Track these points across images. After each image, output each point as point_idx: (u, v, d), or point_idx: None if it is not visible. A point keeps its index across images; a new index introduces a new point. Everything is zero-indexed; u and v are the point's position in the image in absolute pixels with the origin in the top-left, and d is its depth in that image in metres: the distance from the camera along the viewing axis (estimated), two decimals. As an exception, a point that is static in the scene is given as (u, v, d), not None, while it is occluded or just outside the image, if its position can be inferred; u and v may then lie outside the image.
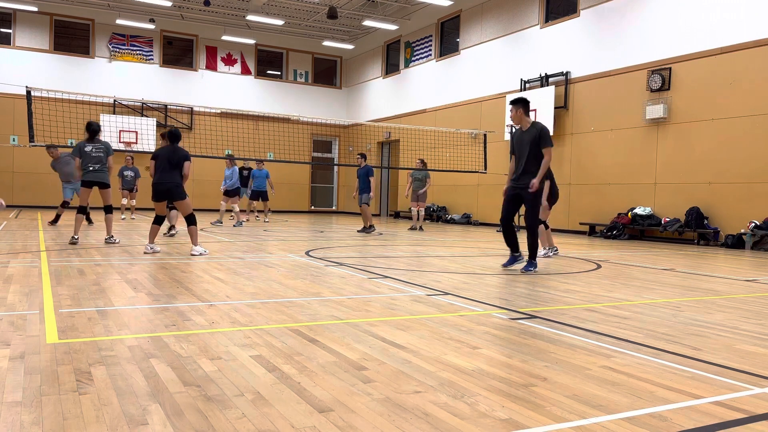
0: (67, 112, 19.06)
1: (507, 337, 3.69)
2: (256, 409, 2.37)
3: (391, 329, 3.83)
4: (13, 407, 2.31)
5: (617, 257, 9.47)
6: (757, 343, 3.74)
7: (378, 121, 23.74)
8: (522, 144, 7.15)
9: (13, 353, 3.04)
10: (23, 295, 4.68)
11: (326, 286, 5.60)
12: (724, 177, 12.64)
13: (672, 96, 13.60)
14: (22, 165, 21.99)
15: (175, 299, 4.68)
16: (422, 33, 22.48)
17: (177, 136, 8.40)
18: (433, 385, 2.71)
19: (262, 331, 3.70)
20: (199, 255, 7.84)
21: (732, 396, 2.69)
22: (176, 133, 8.41)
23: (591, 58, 15.66)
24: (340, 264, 7.36)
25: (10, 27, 22.20)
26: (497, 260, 8.47)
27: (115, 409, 2.32)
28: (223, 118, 24.15)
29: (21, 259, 6.96)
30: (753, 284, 6.70)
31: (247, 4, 22.65)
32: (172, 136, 8.36)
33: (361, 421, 2.26)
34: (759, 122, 12.02)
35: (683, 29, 13.44)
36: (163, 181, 8.08)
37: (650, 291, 5.90)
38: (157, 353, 3.11)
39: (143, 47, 24.02)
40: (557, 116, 16.40)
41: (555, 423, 2.30)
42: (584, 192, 15.85)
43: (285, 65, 26.84)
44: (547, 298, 5.28)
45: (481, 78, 19.51)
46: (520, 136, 7.21)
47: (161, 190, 8.12)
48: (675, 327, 4.16)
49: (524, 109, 7.16)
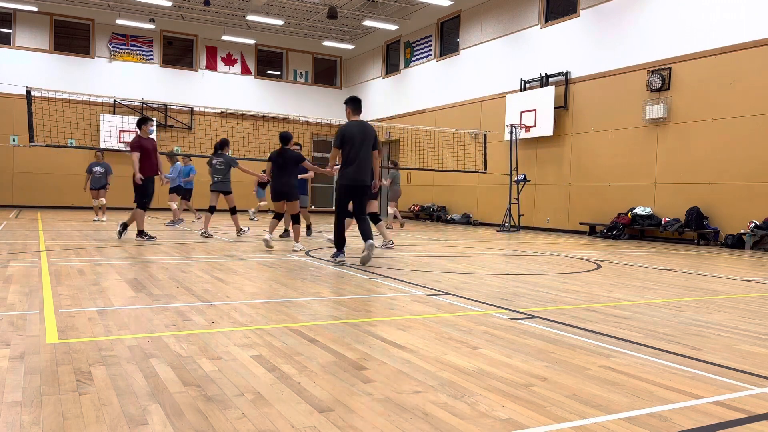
0: (67, 112, 19.08)
1: (507, 337, 3.69)
2: (256, 409, 2.37)
3: (391, 329, 3.83)
4: (13, 407, 2.31)
5: (617, 257, 9.47)
6: (757, 343, 3.74)
7: (378, 121, 23.74)
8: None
9: (13, 353, 3.04)
10: (23, 295, 4.68)
11: (326, 286, 5.60)
12: (724, 177, 12.64)
13: (672, 96, 13.61)
14: (22, 165, 21.99)
15: (175, 299, 4.68)
16: (422, 33, 22.48)
17: (285, 138, 9.19)
18: (433, 385, 2.71)
19: (262, 331, 3.70)
20: (299, 251, 8.74)
21: (732, 396, 2.69)
22: (285, 135, 9.21)
23: (591, 58, 15.66)
24: (341, 264, 7.36)
25: (10, 27, 22.20)
26: (497, 260, 8.48)
27: (115, 409, 2.32)
28: (223, 118, 24.14)
29: (21, 259, 6.96)
30: (753, 284, 6.70)
31: (247, 4, 22.65)
32: (282, 139, 9.19)
33: (361, 421, 2.26)
34: (759, 122, 12.02)
35: (683, 29, 13.44)
36: (280, 183, 9.06)
37: (650, 291, 5.90)
38: (157, 353, 3.11)
39: (143, 47, 24.02)
40: (557, 116, 16.40)
41: (555, 423, 2.30)
42: (584, 192, 15.85)
43: (285, 65, 26.85)
44: (547, 298, 5.28)
45: (481, 78, 19.51)
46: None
47: (279, 192, 9.14)
48: (675, 327, 4.16)
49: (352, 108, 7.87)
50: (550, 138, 16.69)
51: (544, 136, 16.70)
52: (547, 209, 16.99)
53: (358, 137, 7.55)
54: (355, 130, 7.59)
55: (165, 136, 24.00)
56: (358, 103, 7.87)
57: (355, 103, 7.84)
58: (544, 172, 17.07)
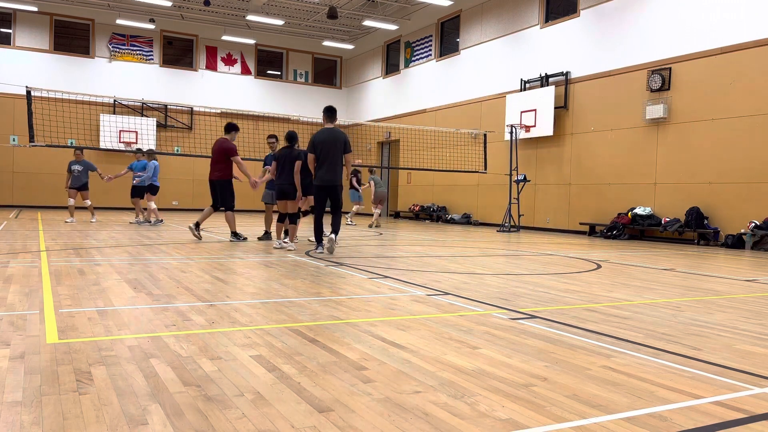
0: (67, 112, 19.08)
1: (507, 337, 3.69)
2: (256, 409, 2.37)
3: (391, 329, 3.83)
4: (13, 407, 2.31)
5: (617, 257, 9.47)
6: (757, 343, 3.74)
7: (378, 121, 23.74)
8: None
9: (13, 353, 3.04)
10: (23, 295, 4.68)
11: (326, 286, 5.60)
12: (724, 177, 12.64)
13: (672, 96, 13.60)
14: (22, 165, 22.00)
15: (175, 299, 4.68)
16: (422, 33, 22.48)
17: (292, 137, 9.26)
18: (433, 385, 2.71)
19: (262, 331, 3.70)
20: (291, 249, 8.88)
21: (732, 396, 2.69)
22: (291, 134, 9.27)
23: (591, 58, 15.66)
24: (340, 264, 7.36)
25: (10, 27, 22.20)
26: (497, 260, 8.48)
27: (115, 409, 2.32)
28: (223, 118, 24.11)
29: (21, 259, 6.96)
30: (753, 284, 6.70)
31: (247, 4, 22.65)
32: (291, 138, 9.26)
33: (361, 421, 2.26)
34: (759, 122, 12.02)
35: (683, 29, 13.44)
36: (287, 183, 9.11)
37: (650, 291, 5.90)
38: (157, 353, 3.11)
39: (143, 47, 24.02)
40: (557, 116, 16.41)
41: (555, 423, 2.30)
42: (584, 192, 15.85)
43: (285, 65, 26.85)
44: (547, 298, 5.28)
45: (481, 78, 19.51)
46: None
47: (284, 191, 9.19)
48: (675, 327, 4.16)
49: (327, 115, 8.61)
50: (550, 138, 16.69)
51: (544, 136, 16.70)
52: (547, 209, 16.99)
53: (328, 142, 8.37)
54: (324, 136, 8.44)
55: (165, 136, 24.02)
56: (332, 112, 8.67)
57: (328, 112, 8.66)
58: (544, 172, 17.07)
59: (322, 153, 8.38)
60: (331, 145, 8.38)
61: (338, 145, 8.42)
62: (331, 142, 8.39)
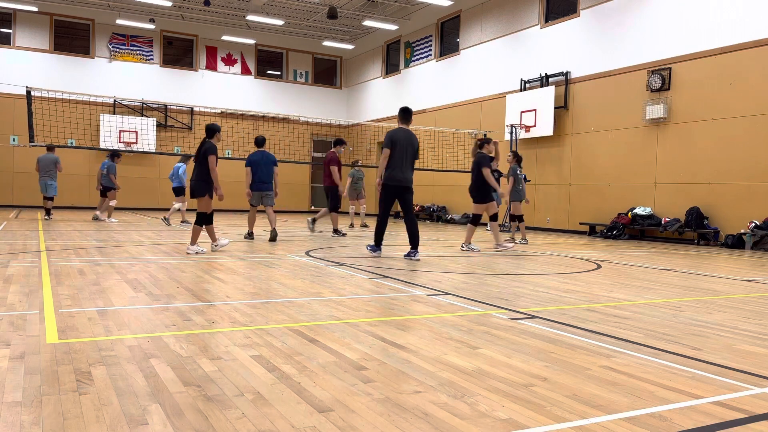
0: (67, 112, 19.09)
1: (507, 337, 3.69)
2: (256, 409, 2.37)
3: (391, 329, 3.83)
4: (13, 407, 2.31)
5: (617, 257, 9.46)
6: (757, 343, 3.74)
7: (378, 121, 23.75)
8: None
9: (13, 353, 3.04)
10: (23, 295, 4.68)
11: (326, 286, 5.60)
12: (724, 177, 12.64)
13: (672, 96, 13.60)
14: (22, 165, 21.97)
15: (175, 299, 4.68)
16: (422, 33, 22.48)
17: (209, 129, 8.35)
18: (433, 385, 2.71)
19: (262, 331, 3.70)
20: (194, 254, 8.04)
21: (732, 396, 2.69)
22: (209, 127, 8.35)
23: (591, 58, 15.66)
24: (340, 264, 7.36)
25: (10, 27, 22.20)
26: (497, 260, 8.48)
27: (115, 409, 2.32)
28: (223, 118, 24.13)
29: (21, 259, 6.96)
30: (753, 284, 6.70)
31: (247, 4, 22.65)
32: (208, 130, 8.37)
33: (361, 421, 2.26)
34: (759, 122, 12.02)
35: (683, 29, 13.44)
36: (193, 178, 8.38)
37: (650, 291, 5.90)
38: (157, 353, 3.11)
39: (143, 47, 24.02)
40: (557, 116, 16.40)
41: (555, 423, 2.30)
42: (584, 192, 15.85)
43: (285, 65, 26.84)
44: (547, 298, 5.28)
45: (481, 78, 19.50)
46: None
47: (191, 188, 8.50)
48: (675, 327, 4.16)
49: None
50: (550, 138, 16.69)
51: (544, 136, 16.70)
52: (547, 209, 16.99)
53: (406, 143, 8.26)
54: (403, 135, 8.29)
55: (165, 136, 24.01)
56: (408, 113, 8.53)
57: (404, 113, 8.51)
58: (544, 172, 17.07)
59: (398, 152, 8.18)
60: (408, 146, 8.26)
61: (413, 149, 8.34)
62: (409, 144, 8.28)
